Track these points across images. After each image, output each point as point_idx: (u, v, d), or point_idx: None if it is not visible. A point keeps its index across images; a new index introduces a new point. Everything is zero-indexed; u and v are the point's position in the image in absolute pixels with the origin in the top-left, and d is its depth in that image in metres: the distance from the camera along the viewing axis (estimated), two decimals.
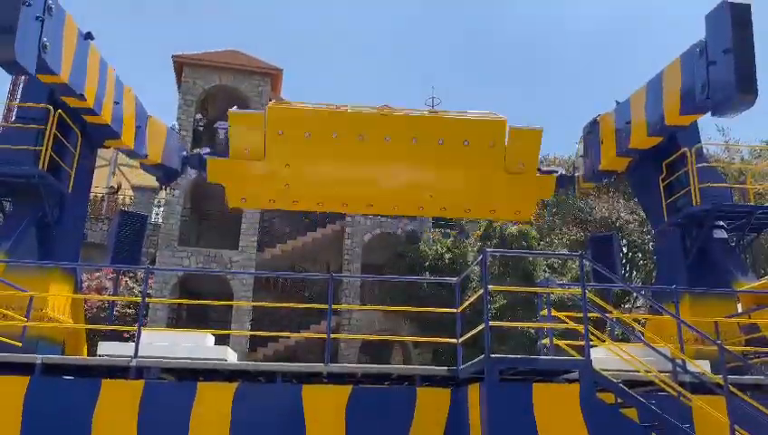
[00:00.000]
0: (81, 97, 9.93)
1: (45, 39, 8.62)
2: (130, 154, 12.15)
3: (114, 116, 10.90)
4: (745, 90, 9.02)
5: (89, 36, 9.91)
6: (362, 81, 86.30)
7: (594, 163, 12.87)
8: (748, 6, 9.30)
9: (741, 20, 9.14)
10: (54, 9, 8.77)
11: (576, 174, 13.66)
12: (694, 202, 10.93)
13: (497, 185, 12.71)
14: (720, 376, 7.00)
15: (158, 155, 12.61)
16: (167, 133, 12.86)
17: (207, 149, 13.33)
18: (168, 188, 26.02)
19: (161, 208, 29.00)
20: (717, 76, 9.33)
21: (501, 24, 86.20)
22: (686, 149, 11.23)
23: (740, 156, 25.22)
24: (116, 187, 32.99)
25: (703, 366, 7.64)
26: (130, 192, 33.03)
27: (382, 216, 27.33)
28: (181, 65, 27.50)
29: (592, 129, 12.89)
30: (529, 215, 14.04)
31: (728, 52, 9.12)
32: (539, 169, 13.05)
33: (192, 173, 25.78)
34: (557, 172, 13.40)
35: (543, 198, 13.49)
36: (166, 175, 13.33)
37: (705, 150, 12.44)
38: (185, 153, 13.55)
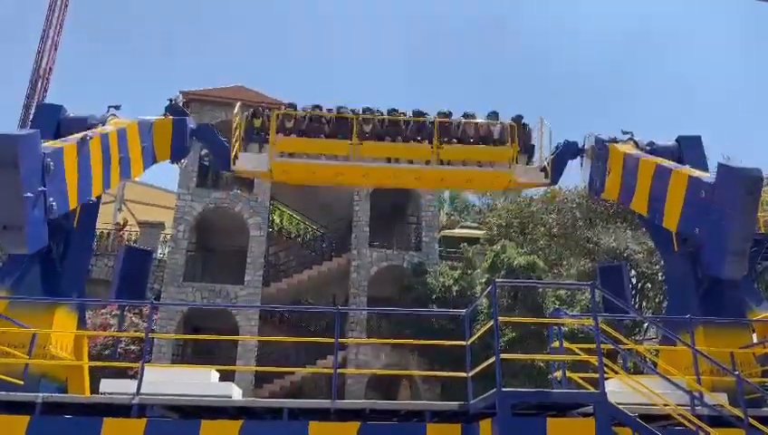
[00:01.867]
0: (91, 200, 10.43)
1: (51, 199, 8.84)
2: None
3: (122, 171, 11.00)
4: (735, 260, 9.22)
5: (85, 140, 9.88)
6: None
7: (598, 184, 12.84)
8: (760, 180, 9.26)
9: (751, 192, 9.05)
10: (53, 163, 8.81)
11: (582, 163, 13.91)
12: None
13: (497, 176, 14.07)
14: (739, 408, 6.79)
15: (167, 154, 12.73)
16: (172, 127, 12.72)
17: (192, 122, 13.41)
18: (173, 224, 26.08)
19: (167, 244, 28.98)
20: (712, 236, 9.42)
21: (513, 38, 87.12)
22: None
23: None
24: (122, 223, 33.08)
25: (721, 398, 7.42)
26: (136, 228, 33.10)
27: (388, 248, 27.26)
28: (187, 101, 27.78)
29: (603, 149, 12.67)
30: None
31: (730, 218, 9.09)
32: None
33: (198, 209, 25.87)
34: (561, 169, 13.69)
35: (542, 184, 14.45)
36: (175, 156, 13.26)
37: None
38: (192, 126, 13.32)
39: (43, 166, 8.64)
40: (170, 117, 12.72)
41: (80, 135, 9.91)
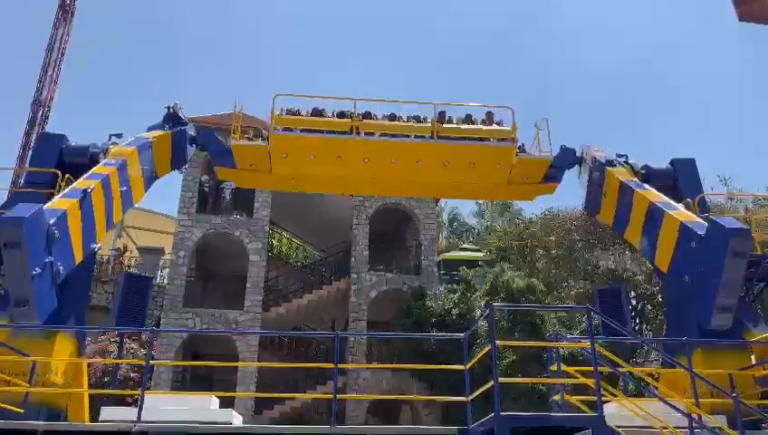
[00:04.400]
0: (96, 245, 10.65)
1: (59, 264, 9.13)
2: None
3: (124, 202, 11.16)
4: (719, 321, 9.37)
5: (87, 194, 10.02)
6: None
7: (595, 205, 12.94)
8: (749, 236, 9.33)
9: (739, 252, 9.07)
10: (58, 230, 9.03)
11: (580, 171, 13.85)
12: None
13: (500, 191, 13.92)
14: (737, 432, 6.82)
15: (167, 168, 12.86)
16: (171, 141, 12.83)
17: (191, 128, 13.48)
18: (173, 250, 26.13)
19: (166, 270, 28.99)
20: (700, 289, 9.60)
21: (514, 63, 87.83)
22: (688, 199, 11.26)
23: (743, 205, 25.25)
24: (122, 249, 33.10)
25: (719, 421, 7.44)
26: (136, 253, 33.12)
27: (388, 272, 27.28)
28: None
29: (600, 170, 12.77)
30: (531, 200, 14.85)
31: (717, 275, 9.17)
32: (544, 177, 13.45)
33: (197, 235, 25.94)
34: (560, 176, 13.67)
35: (544, 193, 13.97)
36: (176, 165, 13.36)
37: (708, 200, 12.47)
38: (192, 133, 13.47)
39: (48, 237, 8.79)
40: (169, 131, 12.81)
41: (81, 189, 10.02)
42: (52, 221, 8.90)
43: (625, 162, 12.60)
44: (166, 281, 27.05)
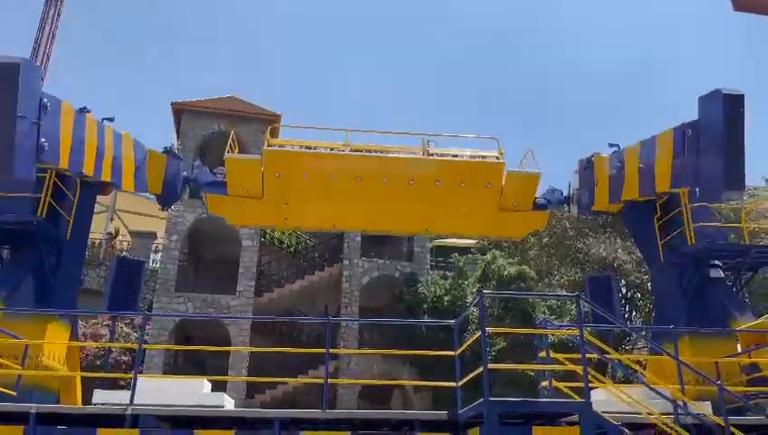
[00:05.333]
0: (81, 175, 10.43)
1: (43, 139, 8.99)
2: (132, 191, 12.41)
3: (114, 172, 11.12)
4: (733, 187, 9.28)
5: (84, 110, 10.16)
6: (361, 121, 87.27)
7: (588, 202, 13.01)
8: (741, 97, 9.39)
9: (734, 114, 9.18)
10: (50, 105, 9.05)
11: (569, 207, 13.79)
12: (689, 242, 11.01)
13: (491, 219, 13.15)
14: (721, 417, 6.94)
15: (158, 187, 12.72)
16: (166, 162, 12.88)
17: (199, 162, 13.49)
18: (165, 234, 26.09)
19: (159, 254, 28.95)
20: (706, 168, 9.59)
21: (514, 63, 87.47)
22: (679, 189, 11.37)
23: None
24: (114, 232, 33.02)
25: (704, 407, 7.57)
26: (128, 237, 33.04)
27: (380, 258, 27.35)
28: (180, 112, 27.86)
29: (588, 165, 13.00)
30: (521, 237, 14.80)
31: (719, 147, 9.23)
32: (534, 205, 13.25)
33: (189, 219, 25.89)
34: (549, 207, 13.62)
35: (536, 229, 13.62)
36: (166, 199, 13.28)
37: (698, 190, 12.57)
38: (185, 174, 13.48)
39: (40, 101, 8.82)
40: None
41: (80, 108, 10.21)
42: (47, 94, 8.97)
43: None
44: (158, 265, 27.04)
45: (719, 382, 7.34)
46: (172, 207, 25.76)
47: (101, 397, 8.05)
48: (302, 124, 14.05)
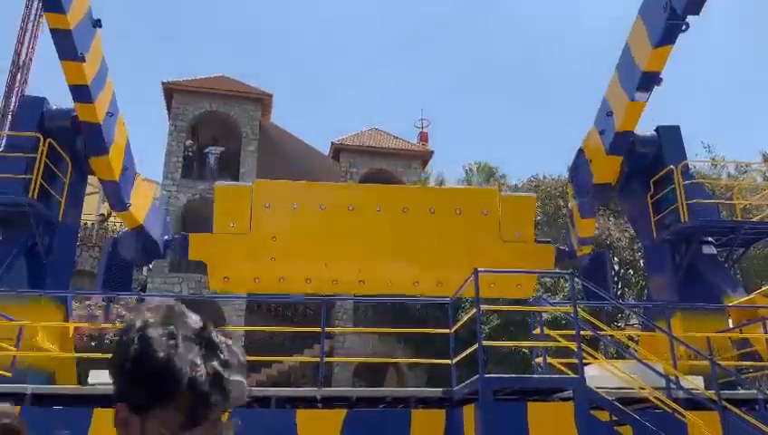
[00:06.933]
0: (81, 58, 9.03)
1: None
2: (114, 201, 11.38)
3: (106, 121, 10.40)
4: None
5: (97, 24, 9.40)
6: (354, 101, 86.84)
7: (585, 189, 12.75)
8: None
9: None
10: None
11: (573, 244, 13.30)
12: (682, 219, 11.04)
13: (495, 256, 12.16)
14: (713, 391, 7.02)
15: (142, 215, 11.91)
16: (152, 200, 12.62)
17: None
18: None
19: None
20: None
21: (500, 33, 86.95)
22: (672, 166, 11.36)
23: (726, 172, 25.51)
24: (106, 214, 32.85)
25: (696, 382, 7.66)
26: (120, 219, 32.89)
27: None
28: (171, 91, 27.58)
29: (578, 159, 12.68)
30: (530, 290, 13.56)
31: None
32: (536, 240, 13.01)
33: (183, 200, 25.78)
34: (553, 242, 13.41)
35: (544, 268, 12.93)
36: (145, 250, 12.43)
37: (691, 167, 12.59)
38: (168, 222, 13.13)
39: None
40: None
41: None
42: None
43: None
44: None
45: (711, 357, 7.41)
46: (165, 188, 25.86)
47: (97, 377, 8.06)
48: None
